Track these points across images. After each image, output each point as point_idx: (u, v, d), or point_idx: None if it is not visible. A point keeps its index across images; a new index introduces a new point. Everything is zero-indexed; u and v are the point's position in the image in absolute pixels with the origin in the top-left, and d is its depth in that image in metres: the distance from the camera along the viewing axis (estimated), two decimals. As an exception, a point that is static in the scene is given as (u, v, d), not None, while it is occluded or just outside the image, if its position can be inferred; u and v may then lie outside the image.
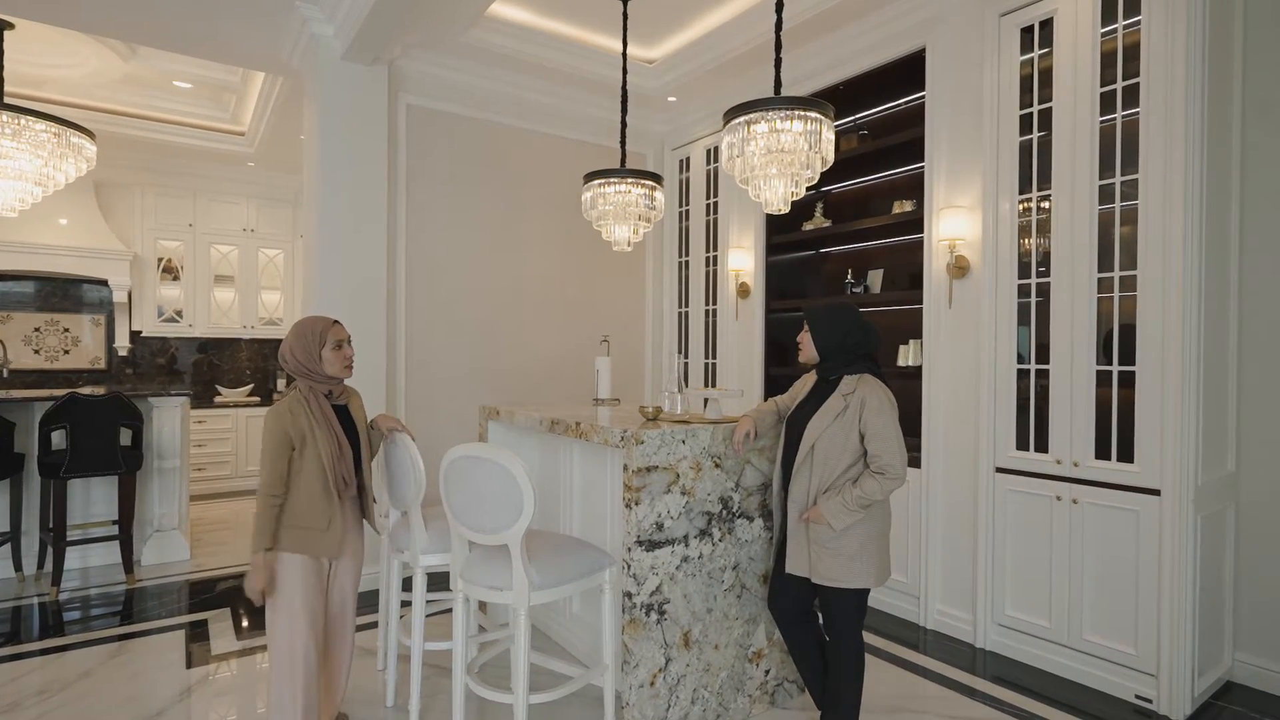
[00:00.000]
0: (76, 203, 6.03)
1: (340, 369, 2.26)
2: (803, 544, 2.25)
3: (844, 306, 2.32)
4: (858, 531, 2.17)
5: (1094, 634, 2.84)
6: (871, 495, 2.11)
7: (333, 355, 2.24)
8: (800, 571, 2.25)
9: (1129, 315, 2.75)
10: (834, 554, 2.17)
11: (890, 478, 2.11)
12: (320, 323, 2.27)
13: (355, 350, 2.56)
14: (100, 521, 4.26)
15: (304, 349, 2.21)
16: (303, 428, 2.14)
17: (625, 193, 3.32)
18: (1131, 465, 2.73)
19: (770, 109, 2.42)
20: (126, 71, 4.99)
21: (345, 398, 2.36)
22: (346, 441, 2.24)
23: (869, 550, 2.19)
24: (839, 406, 2.21)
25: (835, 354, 2.27)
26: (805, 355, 2.35)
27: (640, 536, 2.27)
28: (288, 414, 2.14)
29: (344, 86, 3.85)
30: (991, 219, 3.17)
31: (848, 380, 2.25)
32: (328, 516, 2.16)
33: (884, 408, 2.15)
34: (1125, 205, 2.76)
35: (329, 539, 2.17)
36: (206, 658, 3.05)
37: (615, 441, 2.33)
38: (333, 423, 2.21)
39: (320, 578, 2.22)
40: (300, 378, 2.23)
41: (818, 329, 2.29)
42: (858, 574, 2.17)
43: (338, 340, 2.26)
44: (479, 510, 2.07)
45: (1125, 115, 2.76)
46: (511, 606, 2.08)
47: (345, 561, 2.32)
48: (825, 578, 2.18)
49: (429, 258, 4.35)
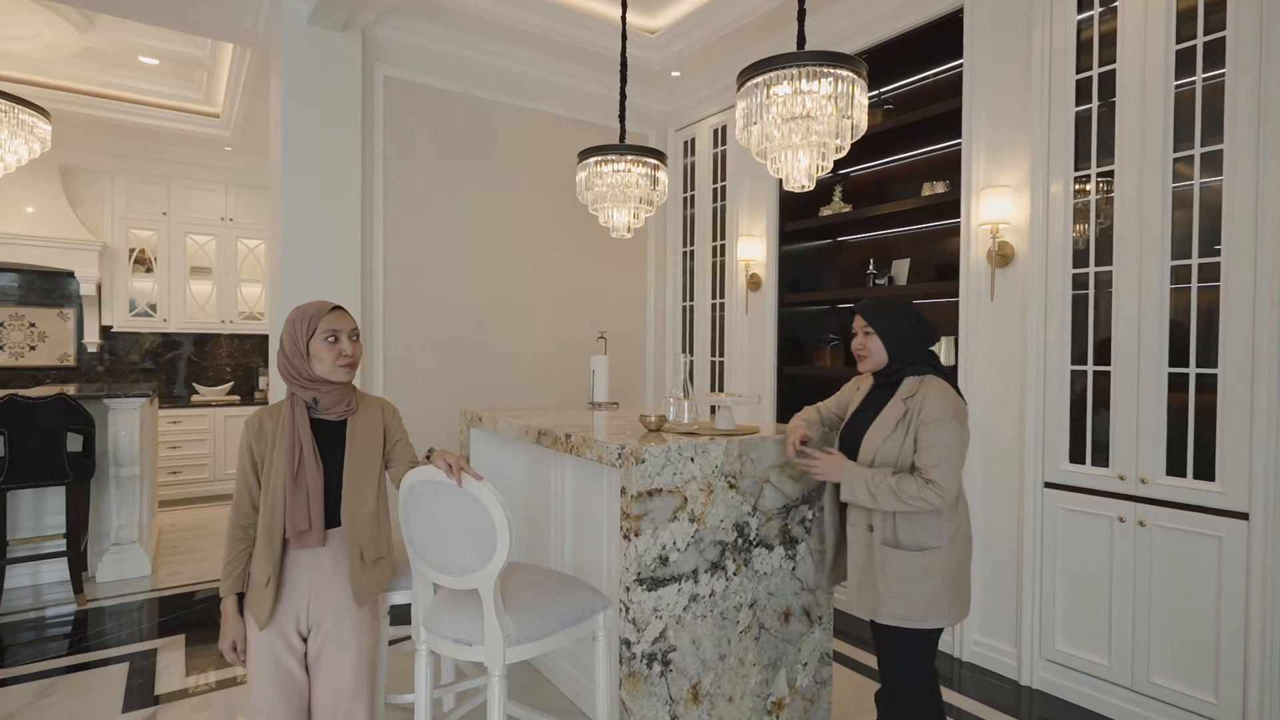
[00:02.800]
0: (40, 189, 5.66)
1: (332, 368, 1.72)
2: (867, 578, 1.90)
3: (901, 301, 1.99)
4: (942, 560, 1.82)
5: (1163, 677, 2.47)
6: (905, 498, 1.77)
7: (323, 349, 1.71)
8: (863, 613, 1.91)
9: (1209, 309, 2.36)
10: (912, 588, 1.81)
11: (935, 492, 1.75)
12: (315, 305, 1.76)
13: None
14: (52, 535, 3.88)
15: (291, 339, 1.73)
16: (267, 443, 1.71)
17: (625, 172, 2.93)
18: (1212, 484, 2.35)
19: (793, 65, 2.04)
20: (85, 44, 4.60)
21: (346, 411, 1.78)
22: (318, 466, 1.70)
23: (953, 580, 1.84)
24: (898, 413, 1.88)
25: (902, 354, 1.94)
26: (871, 363, 1.98)
27: (641, 573, 1.90)
28: (255, 421, 1.73)
29: (311, 55, 3.47)
30: (1042, 199, 2.78)
31: (909, 382, 1.91)
32: (266, 571, 1.67)
33: (944, 416, 1.80)
34: (1206, 181, 2.37)
35: (263, 600, 1.67)
36: (148, 697, 2.69)
37: (612, 459, 1.96)
38: (298, 439, 1.69)
39: (291, 654, 1.71)
40: (285, 380, 1.74)
41: (886, 330, 1.93)
42: (937, 611, 1.82)
43: (332, 330, 1.73)
44: (443, 547, 1.70)
45: (1207, 77, 2.36)
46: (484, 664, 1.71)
47: (329, 636, 1.72)
48: (898, 617, 1.82)
49: (409, 246, 3.97)
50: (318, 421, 1.76)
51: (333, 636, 1.73)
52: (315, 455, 1.70)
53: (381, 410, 1.88)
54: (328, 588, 1.74)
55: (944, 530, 1.84)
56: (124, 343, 6.27)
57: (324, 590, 1.73)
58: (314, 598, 1.73)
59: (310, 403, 1.74)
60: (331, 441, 1.76)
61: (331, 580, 1.74)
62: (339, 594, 1.74)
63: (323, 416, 1.76)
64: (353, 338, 1.77)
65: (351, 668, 1.74)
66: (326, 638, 1.73)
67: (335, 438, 1.77)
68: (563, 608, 1.85)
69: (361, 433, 1.80)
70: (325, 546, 1.73)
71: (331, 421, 1.78)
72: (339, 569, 1.75)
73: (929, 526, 1.83)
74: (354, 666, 1.74)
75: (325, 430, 1.76)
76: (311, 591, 1.72)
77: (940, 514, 1.83)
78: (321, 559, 1.74)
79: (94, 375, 6.14)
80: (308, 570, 1.72)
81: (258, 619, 1.68)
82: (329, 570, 1.74)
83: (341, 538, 1.75)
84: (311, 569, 1.73)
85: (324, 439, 1.75)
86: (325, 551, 1.74)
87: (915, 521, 1.83)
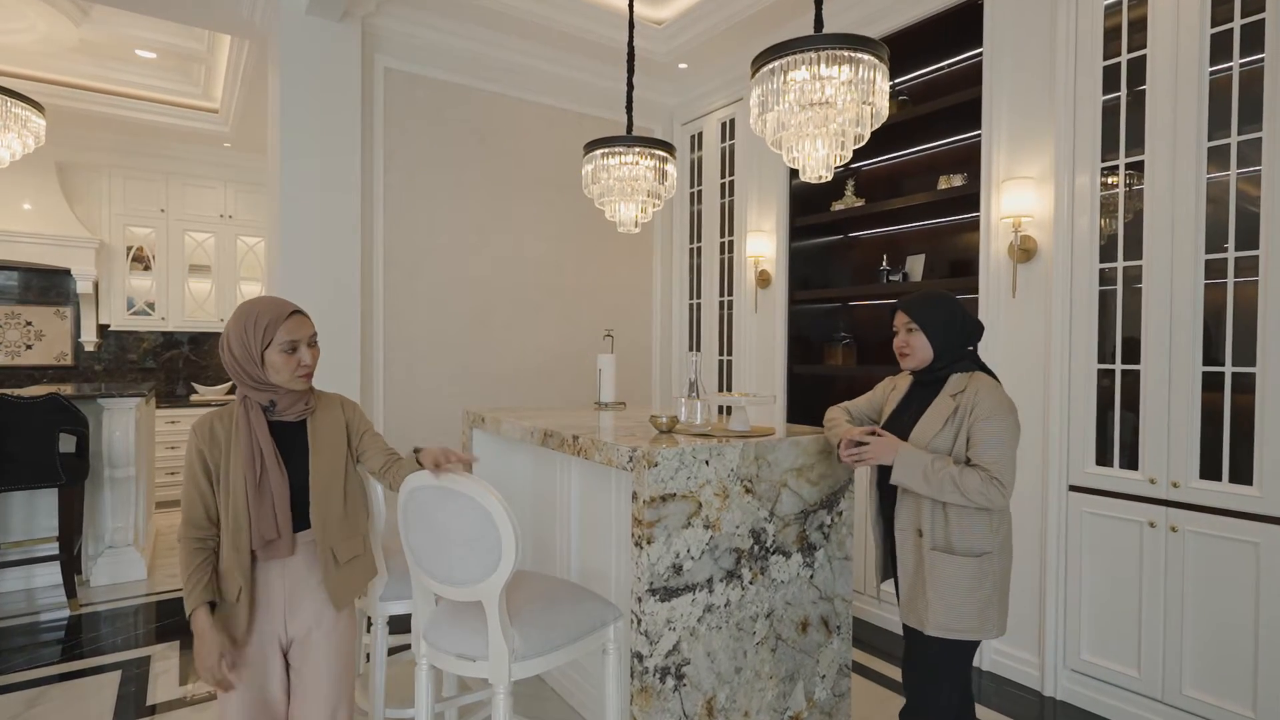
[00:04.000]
0: (37, 186, 5.56)
1: (290, 379, 1.60)
2: (917, 585, 1.81)
3: (944, 295, 1.89)
4: (996, 566, 1.75)
5: (1197, 689, 2.36)
6: (967, 491, 1.68)
7: (280, 360, 1.58)
8: (911, 621, 1.83)
9: (1247, 305, 2.26)
10: (966, 596, 1.72)
11: (999, 491, 1.68)
12: (271, 310, 1.60)
13: (324, 349, 1.91)
14: (45, 538, 3.80)
15: (241, 343, 1.57)
16: (221, 450, 1.58)
17: (633, 164, 2.83)
18: (1249, 488, 2.25)
19: (812, 48, 1.94)
20: (81, 37, 4.51)
21: (304, 411, 1.68)
22: (281, 472, 1.59)
23: (1000, 591, 1.77)
24: (947, 409, 1.79)
25: (948, 350, 1.84)
26: (915, 360, 1.87)
27: (654, 583, 1.80)
28: (205, 427, 1.59)
29: (309, 45, 3.37)
30: (1066, 191, 2.68)
31: (957, 378, 1.82)
32: (236, 584, 1.56)
33: (1000, 412, 1.72)
34: (1243, 172, 2.27)
35: (235, 616, 1.56)
36: (141, 707, 2.60)
37: (623, 463, 1.86)
38: (257, 445, 1.57)
39: (269, 675, 1.61)
40: (235, 380, 1.61)
41: (931, 326, 1.83)
42: (988, 622, 1.74)
43: (290, 341, 1.59)
44: (445, 557, 1.60)
45: (1244, 63, 2.26)
46: (489, 680, 1.61)
47: (313, 645, 1.64)
48: (945, 628, 1.73)
49: (411, 242, 3.87)
50: (275, 424, 1.65)
51: (313, 646, 1.65)
52: (278, 461, 1.60)
53: (341, 406, 1.78)
54: (304, 596, 1.65)
55: (996, 533, 1.77)
56: (122, 341, 6.18)
57: (300, 600, 1.65)
58: (290, 609, 1.64)
59: (266, 405, 1.63)
60: (291, 444, 1.65)
61: (306, 588, 1.65)
62: (316, 601, 1.66)
63: (280, 418, 1.65)
64: (311, 344, 1.65)
65: (334, 677, 1.66)
66: (308, 649, 1.65)
67: (295, 440, 1.66)
68: (571, 620, 1.75)
69: (323, 432, 1.70)
70: (295, 554, 1.64)
71: (290, 423, 1.67)
72: (312, 575, 1.66)
73: (981, 530, 1.75)
74: (336, 674, 1.67)
75: (283, 432, 1.65)
76: (287, 603, 1.63)
77: (991, 516, 1.75)
78: (293, 567, 1.64)
79: (91, 374, 6.05)
80: (279, 581, 1.63)
81: (233, 637, 1.57)
82: (302, 577, 1.65)
83: (311, 542, 1.66)
84: (284, 579, 1.63)
85: (282, 442, 1.64)
86: (296, 559, 1.64)
87: (968, 524, 1.74)
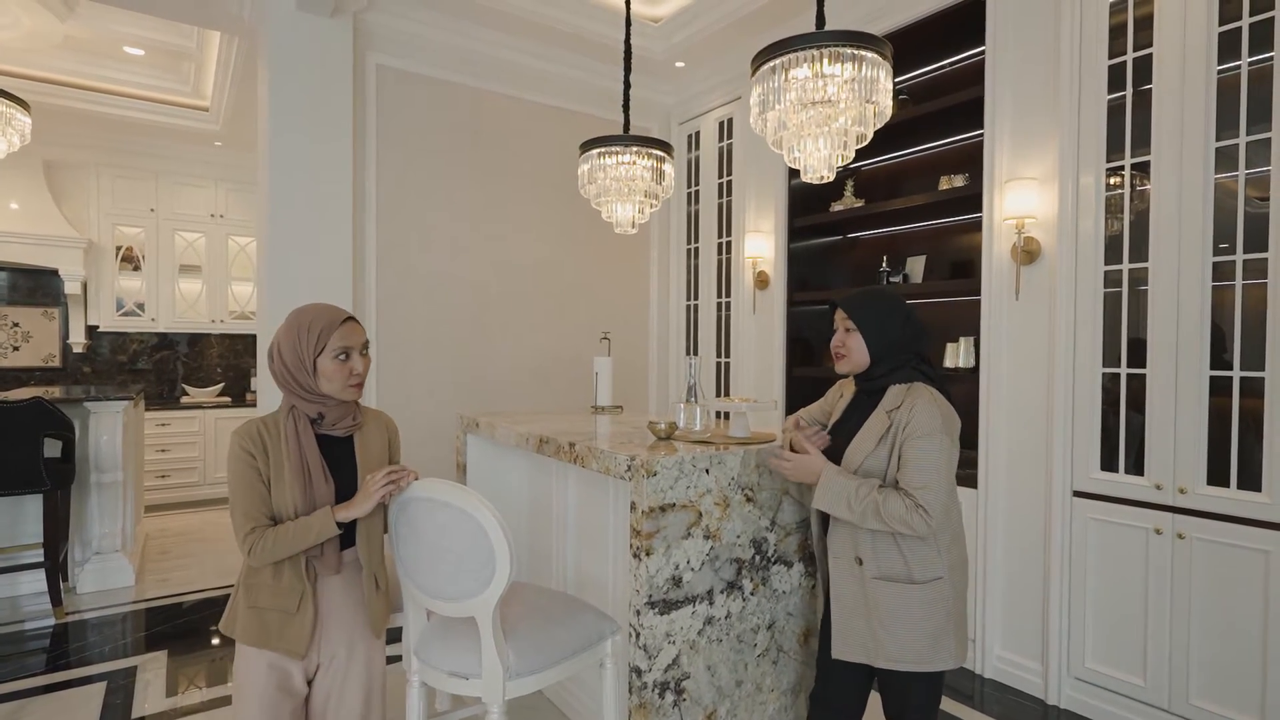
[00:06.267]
0: (24, 185, 5.48)
1: (342, 388, 1.57)
2: (858, 617, 1.69)
3: (887, 293, 1.79)
4: (947, 593, 1.64)
5: (1204, 699, 2.32)
6: (888, 519, 1.57)
7: (333, 368, 1.55)
8: (855, 656, 1.70)
9: (1256, 308, 2.22)
10: (914, 628, 1.62)
11: (922, 519, 1.55)
12: (325, 316, 1.57)
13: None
14: (29, 544, 3.72)
15: (293, 350, 1.54)
16: (270, 461, 1.53)
17: (630, 164, 2.77)
18: (1258, 494, 2.21)
19: (813, 45, 1.88)
20: (66, 34, 4.43)
21: (352, 426, 1.64)
22: (329, 487, 1.55)
23: (955, 618, 1.66)
24: (881, 426, 1.67)
25: (887, 356, 1.72)
26: (851, 363, 1.75)
27: (653, 596, 1.74)
28: (254, 435, 1.53)
29: (299, 41, 3.30)
30: (1071, 192, 2.63)
31: (894, 391, 1.70)
32: (297, 594, 1.52)
33: (930, 430, 1.59)
34: (1252, 173, 2.23)
35: (295, 629, 1.52)
36: (125, 719, 2.54)
37: (620, 472, 1.80)
38: (308, 459, 1.54)
39: (291, 690, 1.56)
40: (284, 390, 1.57)
41: (868, 325, 1.71)
42: (943, 651, 1.64)
43: (344, 348, 1.56)
44: (437, 571, 1.55)
45: (1253, 61, 2.22)
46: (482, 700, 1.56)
47: (341, 672, 1.60)
48: (899, 660, 1.64)
49: (404, 242, 3.81)
50: (321, 438, 1.61)
51: (343, 673, 1.60)
52: (326, 477, 1.56)
53: (385, 426, 1.75)
54: (338, 619, 1.60)
55: (945, 557, 1.65)
56: (111, 343, 6.10)
57: (334, 622, 1.59)
58: (324, 631, 1.59)
59: (315, 417, 1.58)
60: (338, 459, 1.61)
61: (341, 610, 1.61)
62: (350, 625, 1.61)
63: (327, 432, 1.61)
64: (364, 352, 1.61)
65: (360, 699, 1.61)
66: (336, 675, 1.60)
67: (342, 455, 1.62)
68: (568, 635, 1.69)
69: (370, 450, 1.67)
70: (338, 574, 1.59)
71: (337, 437, 1.62)
72: (349, 597, 1.62)
73: (928, 554, 1.63)
74: (365, 705, 1.62)
75: (329, 447, 1.61)
76: (321, 625, 1.58)
77: (939, 539, 1.64)
78: (329, 588, 1.59)
79: (80, 376, 5.97)
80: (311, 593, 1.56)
81: (294, 650, 1.52)
82: (338, 599, 1.60)
83: (353, 562, 1.62)
84: (319, 599, 1.57)
85: (329, 457, 1.60)
86: (335, 579, 1.59)
87: (912, 550, 1.63)
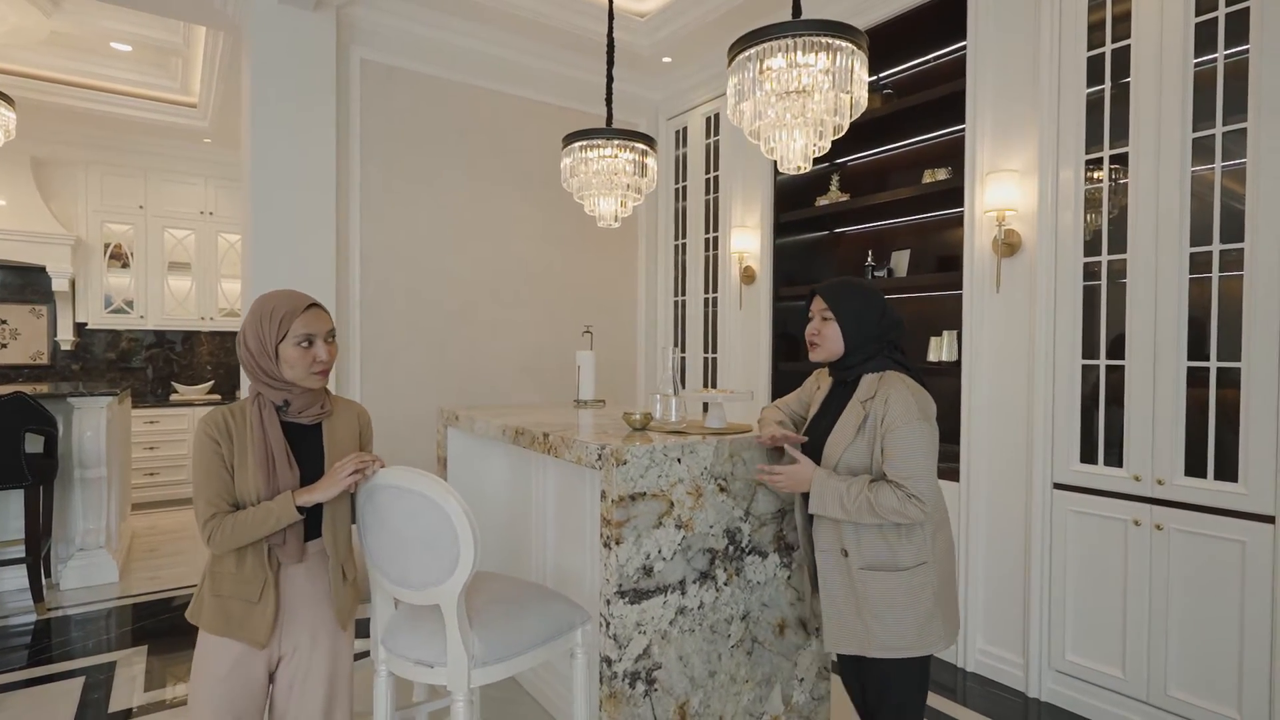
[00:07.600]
0: (11, 181, 5.47)
1: (305, 374, 1.54)
2: (848, 609, 1.70)
3: (866, 285, 1.78)
4: (930, 580, 1.64)
5: (1182, 690, 2.32)
6: (883, 513, 1.58)
7: (296, 354, 1.52)
8: (848, 649, 1.70)
9: (1232, 300, 2.22)
10: (902, 613, 1.63)
11: (917, 507, 1.56)
12: (288, 302, 1.54)
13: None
14: (12, 540, 3.71)
15: (257, 337, 1.52)
16: (234, 447, 1.51)
17: (612, 157, 2.77)
18: (1234, 485, 2.21)
19: (787, 35, 1.88)
20: (52, 29, 4.42)
21: (320, 414, 1.62)
22: (293, 475, 1.52)
23: (943, 599, 1.67)
24: (857, 418, 1.68)
25: (861, 346, 1.72)
26: (826, 351, 1.76)
27: (623, 585, 1.74)
28: (219, 422, 1.50)
29: (282, 35, 3.30)
30: (1051, 185, 2.63)
31: (867, 381, 1.71)
32: (259, 583, 1.50)
33: (909, 416, 1.60)
34: (1229, 165, 2.23)
35: (256, 618, 1.50)
36: (101, 715, 2.52)
37: (591, 460, 1.80)
38: (272, 446, 1.51)
39: (251, 681, 1.53)
40: (250, 377, 1.55)
41: (846, 315, 1.71)
42: (930, 634, 1.64)
43: (306, 334, 1.53)
44: (402, 559, 1.54)
45: (1229, 54, 2.22)
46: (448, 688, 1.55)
47: (304, 663, 1.57)
48: (891, 648, 1.64)
49: (387, 237, 3.80)
50: (288, 425, 1.59)
51: (306, 664, 1.58)
52: (290, 463, 1.53)
53: (357, 416, 1.73)
54: (302, 609, 1.58)
55: (930, 543, 1.66)
56: (99, 340, 6.08)
57: (298, 612, 1.58)
58: (287, 622, 1.56)
59: (280, 405, 1.56)
60: (305, 448, 1.59)
61: (306, 601, 1.59)
62: (315, 616, 1.59)
63: (294, 420, 1.59)
64: (329, 339, 1.58)
65: (324, 701, 1.59)
66: (299, 666, 1.57)
67: (309, 444, 1.60)
68: (536, 623, 1.69)
69: (339, 439, 1.64)
70: (302, 563, 1.58)
71: (304, 425, 1.60)
72: (314, 588, 1.60)
73: (913, 541, 1.65)
74: (328, 698, 1.59)
75: (296, 435, 1.59)
76: (284, 615, 1.56)
77: (924, 525, 1.65)
78: (293, 577, 1.57)
79: (68, 374, 5.95)
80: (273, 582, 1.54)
81: (255, 639, 1.50)
82: (303, 589, 1.58)
83: (319, 552, 1.60)
84: (282, 589, 1.55)
85: (295, 445, 1.58)
86: (299, 569, 1.58)
87: (897, 537, 1.64)
